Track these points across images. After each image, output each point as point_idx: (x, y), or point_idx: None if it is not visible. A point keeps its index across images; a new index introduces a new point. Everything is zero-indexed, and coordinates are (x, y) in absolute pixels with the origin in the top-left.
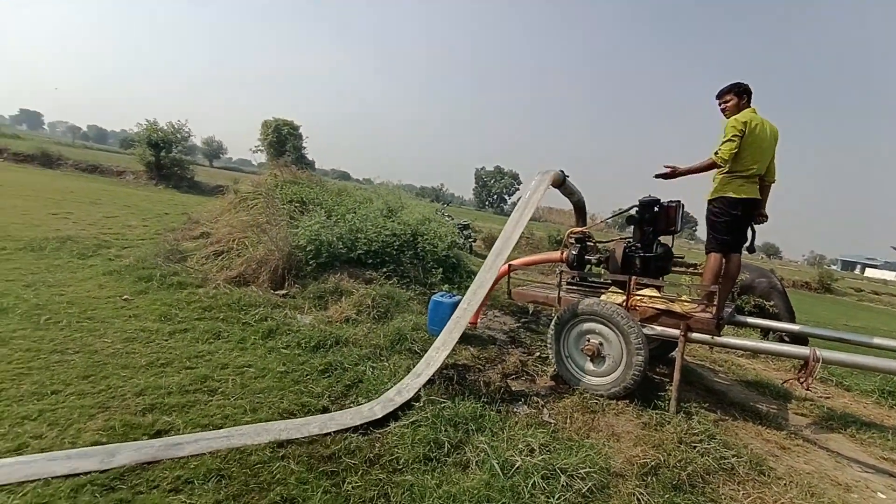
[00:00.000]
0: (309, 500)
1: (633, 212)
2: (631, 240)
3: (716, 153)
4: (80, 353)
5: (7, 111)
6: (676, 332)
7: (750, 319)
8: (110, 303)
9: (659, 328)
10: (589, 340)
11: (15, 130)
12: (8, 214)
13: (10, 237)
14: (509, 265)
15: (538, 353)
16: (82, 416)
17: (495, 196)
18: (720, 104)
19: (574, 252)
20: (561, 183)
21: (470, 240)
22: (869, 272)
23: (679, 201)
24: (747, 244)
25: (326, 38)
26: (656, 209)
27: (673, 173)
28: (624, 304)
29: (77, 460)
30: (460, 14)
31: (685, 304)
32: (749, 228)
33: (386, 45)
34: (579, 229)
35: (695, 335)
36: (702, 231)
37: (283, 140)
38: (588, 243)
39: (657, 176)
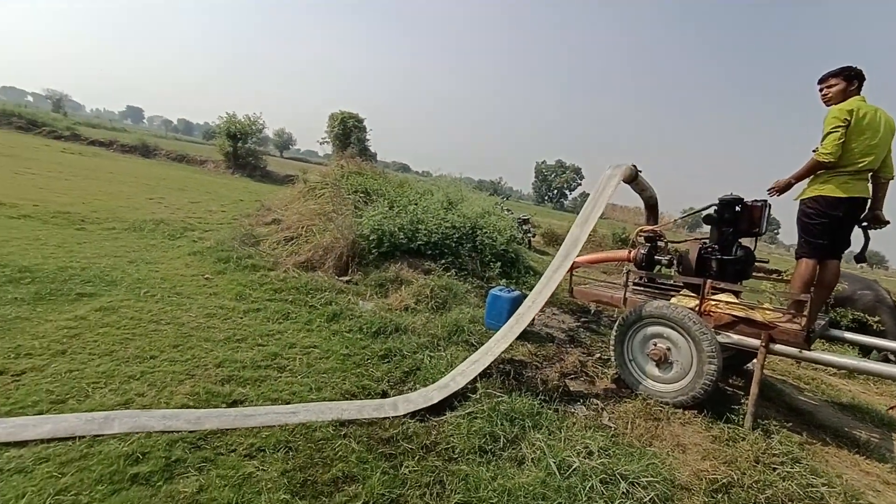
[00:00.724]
0: (368, 479)
1: (710, 211)
2: (707, 241)
3: (815, 150)
4: (170, 325)
5: (116, 107)
6: (756, 342)
7: (847, 335)
8: (194, 280)
9: (736, 336)
10: (655, 345)
11: (122, 125)
12: (116, 199)
13: (118, 219)
14: (572, 262)
15: (599, 355)
16: (174, 380)
17: (555, 191)
18: (822, 90)
19: (643, 251)
20: (633, 178)
21: (529, 235)
22: None
23: (765, 201)
24: (857, 251)
25: (395, 32)
26: (738, 208)
27: (783, 187)
28: (697, 308)
29: (171, 420)
30: (525, 8)
31: (767, 312)
32: (861, 233)
33: (447, 37)
34: (649, 228)
35: (778, 347)
36: (785, 234)
37: (347, 132)
38: (659, 243)
39: (771, 193)
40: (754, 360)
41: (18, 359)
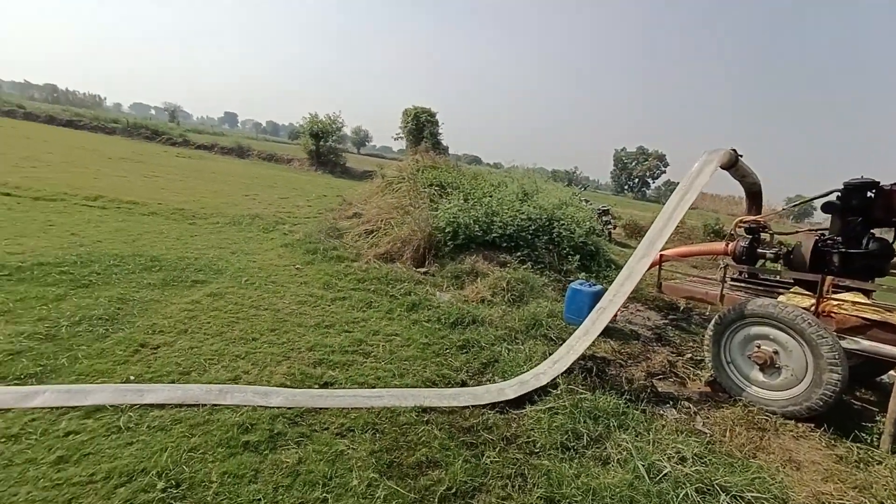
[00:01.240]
0: (451, 466)
1: (832, 198)
2: (826, 231)
3: None
4: (268, 310)
5: (216, 114)
6: None
7: None
8: (286, 270)
9: (866, 343)
10: (759, 347)
11: (221, 129)
12: (218, 196)
13: (220, 214)
14: (661, 255)
15: (690, 355)
16: (272, 361)
17: (636, 179)
18: None
19: (744, 244)
20: (732, 164)
21: (609, 226)
22: None
23: None
24: None
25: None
26: (870, 194)
27: None
28: (813, 308)
29: (272, 396)
30: None
31: None
32: None
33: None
34: (751, 218)
35: None
36: None
37: (421, 127)
38: (762, 234)
39: None
40: (891, 372)
41: (154, 335)
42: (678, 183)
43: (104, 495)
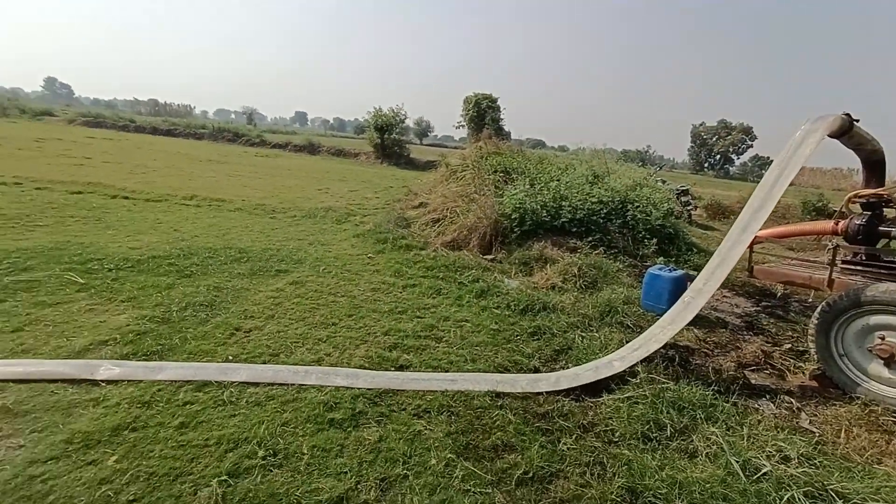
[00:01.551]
0: (527, 451)
1: None
2: None
3: None
4: (345, 297)
5: (286, 114)
6: None
7: None
8: (359, 259)
9: None
10: (884, 339)
11: (293, 128)
12: (294, 191)
13: (297, 208)
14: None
15: (789, 345)
16: (351, 344)
17: (718, 156)
18: None
19: (860, 221)
20: (845, 131)
21: (689, 207)
22: None
23: None
24: None
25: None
26: None
27: None
28: None
29: (353, 378)
30: None
31: None
32: None
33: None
34: (870, 191)
35: None
36: None
37: (482, 114)
38: (885, 210)
39: None
40: None
41: (246, 319)
42: (768, 157)
43: (217, 457)
